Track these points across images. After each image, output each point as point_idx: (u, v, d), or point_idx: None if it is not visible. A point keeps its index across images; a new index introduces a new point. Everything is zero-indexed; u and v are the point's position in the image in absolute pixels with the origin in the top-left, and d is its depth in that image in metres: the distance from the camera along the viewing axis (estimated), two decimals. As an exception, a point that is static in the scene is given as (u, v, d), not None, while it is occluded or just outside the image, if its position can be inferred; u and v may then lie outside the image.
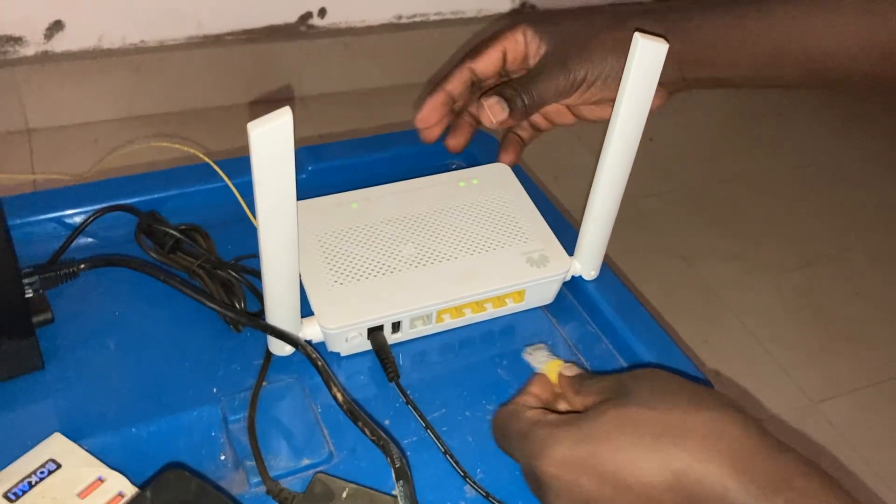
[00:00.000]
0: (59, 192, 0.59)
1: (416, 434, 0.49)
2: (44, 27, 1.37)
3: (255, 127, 0.39)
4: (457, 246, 0.56)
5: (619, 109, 0.49)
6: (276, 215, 0.43)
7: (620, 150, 0.52)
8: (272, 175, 0.41)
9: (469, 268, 0.55)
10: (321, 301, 0.51)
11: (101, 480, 0.41)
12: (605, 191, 0.54)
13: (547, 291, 0.57)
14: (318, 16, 1.58)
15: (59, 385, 0.49)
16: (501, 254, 0.56)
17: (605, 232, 0.57)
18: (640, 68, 0.47)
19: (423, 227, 0.57)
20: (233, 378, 0.51)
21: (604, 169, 0.53)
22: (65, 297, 0.53)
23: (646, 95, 0.49)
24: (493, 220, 0.58)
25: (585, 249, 0.57)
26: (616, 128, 0.50)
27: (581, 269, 0.59)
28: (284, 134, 0.40)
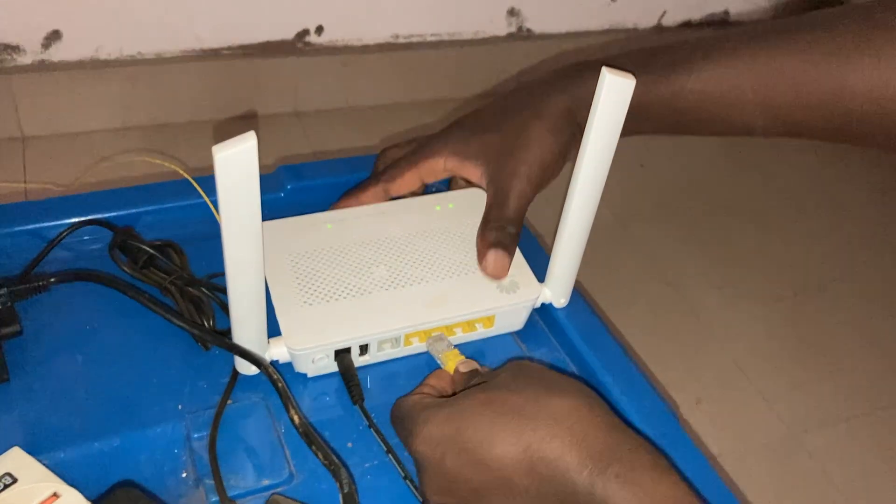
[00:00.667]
0: (35, 204, 0.60)
1: (378, 458, 0.50)
2: (42, 36, 1.38)
3: (219, 150, 0.40)
4: (429, 270, 0.56)
5: (586, 144, 0.50)
6: (241, 237, 0.44)
7: (588, 183, 0.52)
8: (236, 198, 0.42)
9: (440, 292, 0.55)
10: (289, 322, 0.52)
11: (56, 496, 0.41)
12: (574, 222, 0.54)
13: (517, 317, 0.58)
14: (316, 33, 1.59)
15: (22, 398, 0.49)
16: (473, 279, 0.56)
17: (575, 261, 0.57)
18: (607, 103, 0.48)
19: (397, 250, 0.57)
20: (199, 395, 0.51)
21: (573, 201, 0.53)
22: (35, 309, 0.54)
23: (613, 129, 0.49)
24: (466, 245, 0.58)
25: (556, 277, 0.58)
26: (584, 162, 0.51)
27: (551, 297, 0.59)
28: (249, 158, 0.40)
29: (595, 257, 1.49)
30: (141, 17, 1.42)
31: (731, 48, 0.53)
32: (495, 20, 1.74)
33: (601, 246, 1.54)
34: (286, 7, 1.54)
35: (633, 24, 1.91)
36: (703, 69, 0.54)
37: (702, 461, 0.51)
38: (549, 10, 1.79)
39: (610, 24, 1.89)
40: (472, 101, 1.79)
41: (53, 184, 0.98)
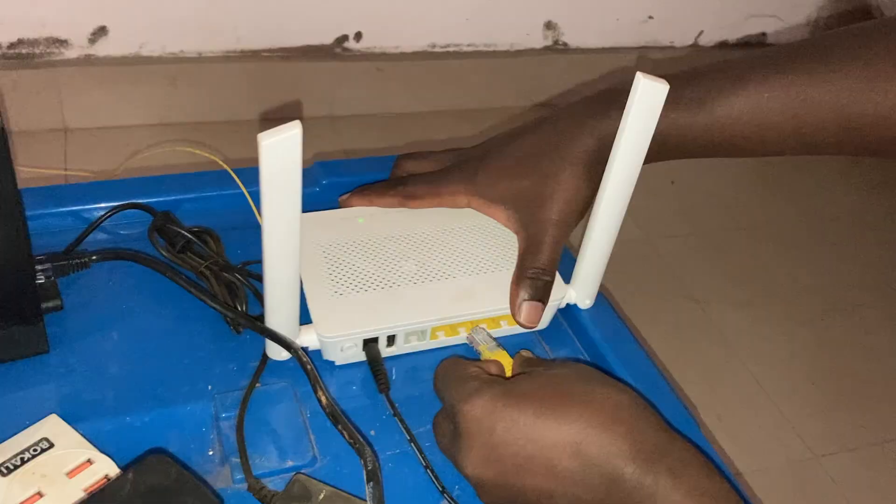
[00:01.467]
0: (79, 187, 0.62)
1: (400, 447, 0.51)
2: (89, 31, 1.42)
3: (265, 138, 0.41)
4: (456, 266, 0.57)
5: (617, 147, 0.51)
6: (281, 224, 0.45)
7: (618, 187, 0.53)
8: (279, 185, 0.43)
9: (466, 287, 0.56)
10: (320, 310, 0.53)
11: (90, 462, 0.43)
12: (602, 225, 0.55)
13: (543, 317, 0.59)
14: (354, 39, 1.61)
15: (61, 370, 0.51)
16: (499, 276, 0.57)
17: (601, 264, 0.58)
18: (640, 108, 0.48)
19: (425, 245, 0.59)
20: (228, 377, 0.53)
21: (601, 204, 0.54)
22: (76, 287, 0.56)
23: (645, 134, 0.50)
24: (494, 242, 0.60)
25: (581, 279, 0.59)
26: (615, 166, 0.52)
27: (576, 298, 0.60)
28: (293, 146, 0.42)
29: (620, 272, 1.50)
30: (185, 16, 1.46)
31: (764, 75, 0.53)
32: (532, 33, 1.76)
33: (627, 261, 1.54)
34: (327, 12, 1.56)
35: (670, 42, 1.92)
36: (737, 98, 0.54)
37: (724, 470, 0.52)
38: (585, 24, 1.80)
39: (646, 42, 1.89)
40: (505, 111, 1.80)
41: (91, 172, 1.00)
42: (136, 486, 0.37)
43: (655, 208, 1.67)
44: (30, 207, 0.60)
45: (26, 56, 1.41)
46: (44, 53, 1.41)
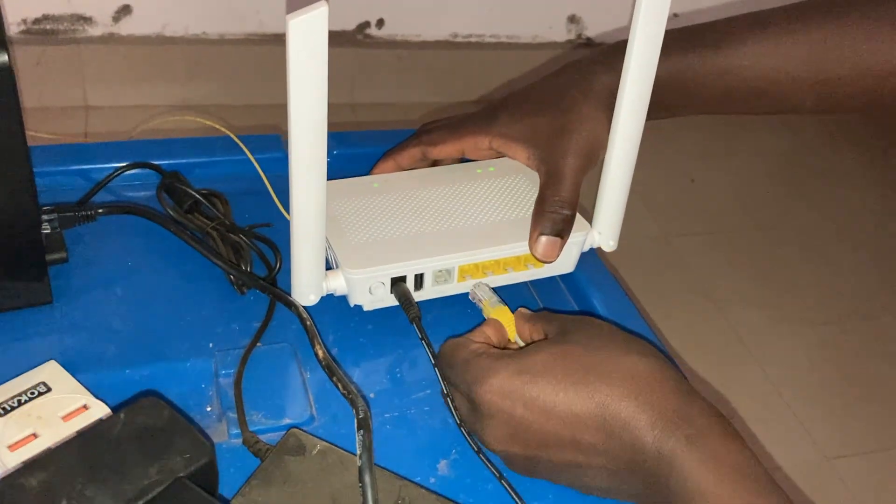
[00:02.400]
0: (89, 146, 0.62)
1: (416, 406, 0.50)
2: (113, 10, 1.43)
3: (293, 17, 0.40)
4: (479, 212, 0.57)
5: (627, 68, 0.50)
6: (309, 109, 0.44)
7: (631, 111, 0.52)
8: (308, 65, 0.42)
9: (490, 230, 0.56)
10: (347, 251, 0.52)
11: (86, 407, 0.43)
12: (619, 157, 0.54)
13: (567, 258, 0.57)
14: (376, 26, 1.61)
15: (64, 321, 0.51)
16: (521, 222, 0.56)
17: (622, 201, 0.57)
18: (646, 20, 0.47)
19: (445, 199, 0.58)
20: (230, 336, 0.53)
21: (616, 136, 0.53)
22: (83, 240, 0.56)
23: (653, 50, 0.49)
24: (512, 194, 0.59)
25: (603, 219, 0.57)
26: (626, 87, 0.50)
27: (599, 240, 0.59)
28: (320, 24, 0.41)
29: (637, 269, 1.49)
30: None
31: (786, 20, 0.53)
32: (555, 26, 1.75)
33: (644, 258, 1.53)
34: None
35: (694, 41, 1.90)
36: (756, 42, 0.53)
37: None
38: (609, 19, 1.78)
39: (670, 39, 1.88)
40: (526, 105, 1.79)
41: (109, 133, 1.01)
42: (127, 425, 0.37)
43: (674, 206, 1.65)
44: (40, 165, 0.60)
45: (50, 32, 1.42)
46: (68, 30, 1.42)
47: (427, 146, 0.60)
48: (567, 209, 0.54)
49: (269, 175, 0.64)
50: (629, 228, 0.58)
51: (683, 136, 1.80)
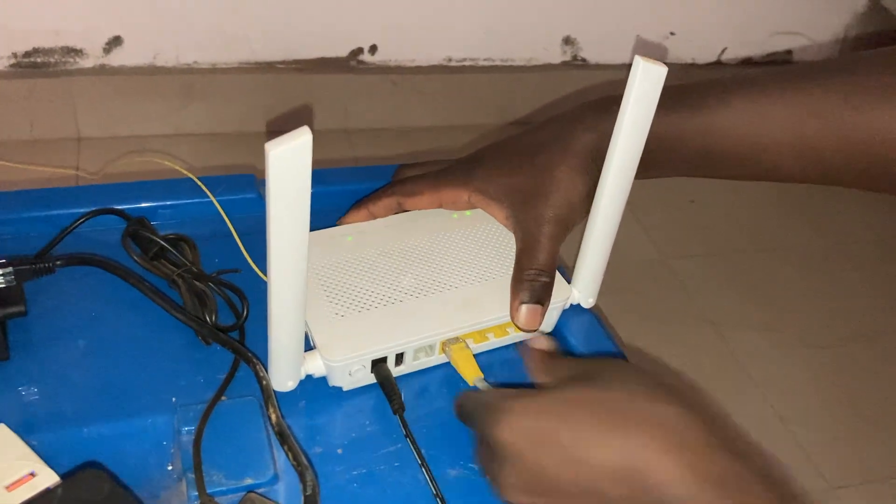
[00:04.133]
0: (53, 191, 0.61)
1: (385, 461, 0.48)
2: (104, 41, 1.43)
3: (273, 147, 0.38)
4: (456, 276, 0.56)
5: (618, 135, 0.49)
6: (289, 239, 0.42)
7: (618, 177, 0.51)
8: (288, 197, 0.40)
9: (470, 297, 0.54)
10: (324, 334, 0.51)
11: (33, 475, 0.41)
12: (602, 219, 0.53)
13: (547, 320, 0.56)
14: (369, 52, 1.61)
15: (20, 377, 0.50)
16: (501, 283, 0.55)
17: (603, 260, 0.56)
18: (640, 92, 0.46)
19: (421, 258, 0.57)
20: (194, 390, 0.51)
21: (602, 197, 0.52)
22: (43, 293, 0.54)
23: (645, 120, 0.48)
24: (490, 249, 0.58)
25: (583, 277, 0.57)
26: (615, 154, 0.50)
27: (579, 297, 0.58)
28: (303, 155, 0.39)
29: (634, 292, 1.47)
30: (200, 26, 1.46)
31: (764, 85, 0.51)
32: (550, 48, 1.74)
33: (641, 280, 1.51)
34: (342, 25, 1.56)
35: (692, 59, 1.89)
36: (735, 105, 0.51)
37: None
38: (605, 40, 1.77)
39: (669, 58, 1.86)
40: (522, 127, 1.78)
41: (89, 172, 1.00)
42: (64, 499, 0.35)
43: (672, 228, 1.63)
44: (4, 212, 0.59)
45: (41, 65, 1.42)
46: (59, 63, 1.42)
47: (403, 197, 0.59)
48: (545, 276, 0.53)
49: (242, 216, 0.63)
50: (626, 250, 0.57)
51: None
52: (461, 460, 0.50)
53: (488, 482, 0.45)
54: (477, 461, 0.46)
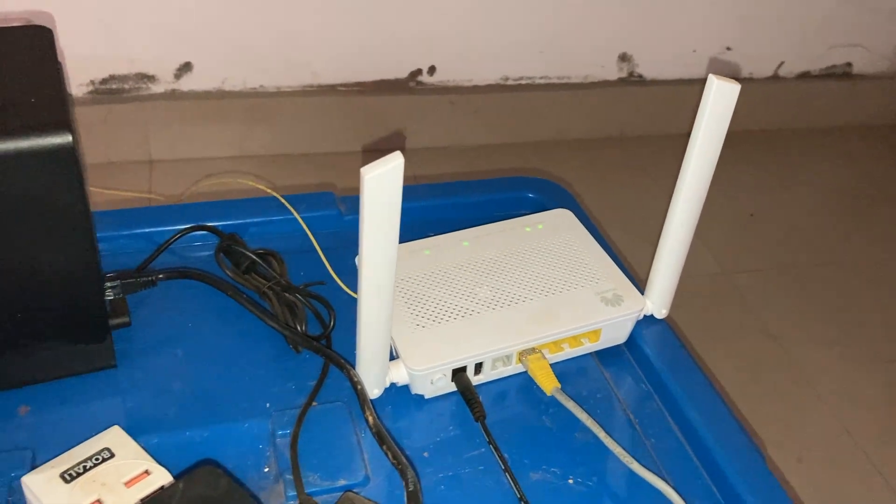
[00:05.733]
0: (149, 210, 0.64)
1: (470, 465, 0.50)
2: (174, 67, 1.49)
3: (368, 171, 0.41)
4: (530, 288, 0.57)
5: (692, 149, 0.51)
6: (380, 254, 0.45)
7: (692, 190, 0.53)
8: (380, 216, 0.43)
9: (545, 308, 0.56)
10: (407, 344, 0.53)
11: (148, 473, 0.44)
12: (677, 231, 0.55)
13: (621, 330, 0.58)
14: (428, 73, 1.64)
15: (127, 384, 0.53)
16: (575, 294, 0.57)
17: (676, 271, 0.58)
18: (714, 109, 0.49)
19: (496, 270, 0.59)
20: (286, 396, 0.54)
21: (676, 209, 0.54)
22: (145, 305, 0.58)
23: (718, 136, 0.50)
24: (562, 261, 0.60)
25: (656, 288, 0.58)
26: (689, 168, 0.52)
27: (652, 308, 0.59)
28: (395, 177, 0.42)
29: (696, 306, 1.46)
30: (265, 53, 1.51)
31: None
32: (606, 65, 1.75)
33: (703, 295, 1.50)
34: (402, 47, 1.59)
35: (749, 74, 1.88)
36: None
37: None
38: (661, 56, 1.78)
39: (725, 73, 1.86)
40: (579, 143, 1.79)
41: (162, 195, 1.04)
42: (185, 495, 0.37)
43: (733, 242, 1.62)
44: (104, 230, 0.62)
45: (116, 91, 1.48)
46: (132, 88, 1.48)
47: None
48: None
49: (324, 231, 0.66)
50: (688, 264, 0.58)
51: (740, 170, 1.78)
52: (542, 464, 0.51)
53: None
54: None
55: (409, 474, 0.41)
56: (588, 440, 0.53)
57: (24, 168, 0.42)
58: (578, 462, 0.51)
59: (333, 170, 1.59)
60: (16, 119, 0.42)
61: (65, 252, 0.46)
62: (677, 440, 0.54)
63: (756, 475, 0.51)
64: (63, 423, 0.50)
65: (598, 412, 0.54)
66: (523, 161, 1.69)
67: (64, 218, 0.44)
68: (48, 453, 0.46)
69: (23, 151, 0.41)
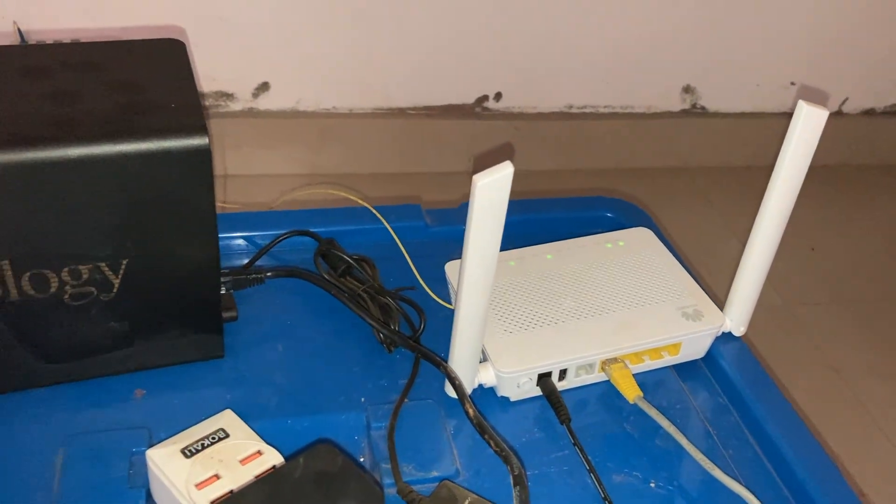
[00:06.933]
0: (250, 215, 0.68)
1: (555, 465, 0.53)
2: (253, 87, 1.55)
3: (481, 178, 0.44)
4: (613, 300, 0.60)
5: (778, 173, 0.53)
6: (483, 258, 0.48)
7: (776, 212, 0.55)
8: (487, 222, 0.46)
9: (628, 321, 0.58)
10: (496, 348, 0.56)
11: (260, 453, 0.47)
12: (759, 250, 0.57)
13: (700, 345, 0.60)
14: (494, 99, 1.68)
15: (233, 374, 0.56)
16: (657, 308, 0.59)
17: (756, 289, 0.60)
18: (802, 134, 0.51)
19: (579, 282, 0.61)
20: (379, 392, 0.57)
21: (761, 228, 0.56)
22: (249, 300, 0.61)
23: (804, 161, 0.53)
24: (644, 276, 0.62)
25: (736, 306, 0.60)
26: (774, 191, 0.54)
27: (731, 325, 0.61)
28: (504, 185, 0.45)
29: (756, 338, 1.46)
30: (341, 75, 1.56)
31: None
32: (670, 96, 1.77)
33: (764, 327, 1.50)
34: (470, 74, 1.64)
35: (812, 109, 1.88)
36: None
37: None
38: (725, 89, 1.79)
39: (788, 107, 1.86)
40: (642, 172, 1.81)
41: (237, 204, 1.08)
42: (305, 470, 0.40)
43: (795, 275, 1.62)
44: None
45: (198, 108, 1.55)
46: (212, 106, 1.55)
47: None
48: None
49: (410, 241, 0.69)
50: None
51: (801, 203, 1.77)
52: (625, 468, 0.53)
53: None
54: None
55: (513, 460, 0.44)
56: (669, 447, 0.55)
57: (166, 166, 0.46)
58: (660, 467, 0.53)
59: (400, 189, 1.64)
60: (159, 122, 0.46)
61: (193, 245, 0.50)
62: (755, 452, 0.56)
63: (837, 491, 0.52)
64: (175, 405, 0.54)
65: (676, 422, 0.56)
66: (586, 187, 1.72)
67: (195, 213, 0.48)
68: (163, 432, 0.50)
69: (165, 151, 0.45)
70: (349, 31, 1.52)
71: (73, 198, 0.45)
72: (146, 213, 0.48)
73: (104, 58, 0.52)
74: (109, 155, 0.44)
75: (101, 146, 0.44)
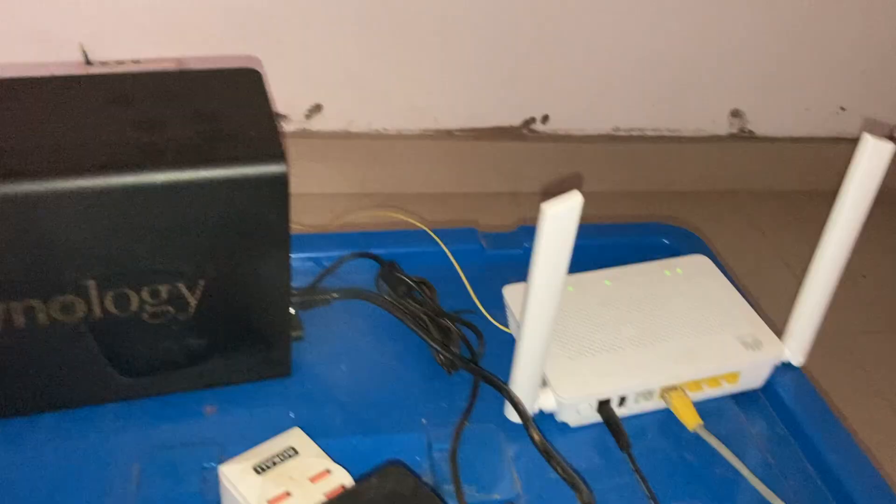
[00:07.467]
0: (312, 236, 0.70)
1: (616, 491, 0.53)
2: (306, 108, 1.58)
3: (549, 207, 0.45)
4: (672, 328, 0.60)
5: (842, 204, 0.53)
6: (549, 285, 0.49)
7: (839, 243, 0.55)
8: (554, 250, 0.47)
9: (688, 349, 0.59)
10: (556, 373, 0.57)
11: (328, 472, 0.48)
12: (821, 280, 0.57)
13: (759, 374, 0.60)
14: (541, 121, 1.69)
15: (299, 391, 0.58)
16: (716, 336, 0.60)
17: (818, 320, 0.60)
18: (866, 167, 0.51)
19: (638, 309, 0.62)
20: (440, 413, 0.58)
21: (823, 259, 0.56)
22: (314, 320, 0.63)
23: (869, 193, 0.53)
24: (702, 304, 0.62)
25: (796, 335, 0.60)
26: (838, 221, 0.54)
27: (790, 355, 0.61)
28: (573, 215, 0.46)
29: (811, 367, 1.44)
30: (390, 99, 1.59)
31: None
32: (717, 120, 1.77)
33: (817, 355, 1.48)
34: (517, 96, 1.65)
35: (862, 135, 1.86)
36: None
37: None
38: (773, 113, 1.78)
39: (837, 133, 1.85)
40: (691, 196, 1.80)
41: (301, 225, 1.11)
42: (378, 491, 0.42)
43: (847, 303, 1.60)
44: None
45: (251, 128, 1.58)
46: (266, 127, 1.58)
47: None
48: None
49: (466, 264, 0.70)
50: None
51: (852, 229, 1.75)
52: (685, 496, 0.54)
53: None
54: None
55: (582, 487, 0.44)
56: (729, 476, 0.55)
57: (246, 191, 0.48)
58: (722, 497, 0.54)
59: (447, 209, 1.65)
60: (239, 149, 0.48)
61: (268, 267, 0.51)
62: (816, 484, 0.56)
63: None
64: (244, 422, 0.56)
65: (735, 451, 0.56)
66: (632, 211, 1.71)
67: (271, 236, 0.50)
68: (233, 448, 0.52)
69: (246, 177, 0.47)
70: (399, 54, 1.55)
71: (158, 221, 0.47)
72: (225, 236, 0.49)
73: (184, 87, 0.54)
74: (194, 181, 0.46)
75: (185, 172, 0.46)
